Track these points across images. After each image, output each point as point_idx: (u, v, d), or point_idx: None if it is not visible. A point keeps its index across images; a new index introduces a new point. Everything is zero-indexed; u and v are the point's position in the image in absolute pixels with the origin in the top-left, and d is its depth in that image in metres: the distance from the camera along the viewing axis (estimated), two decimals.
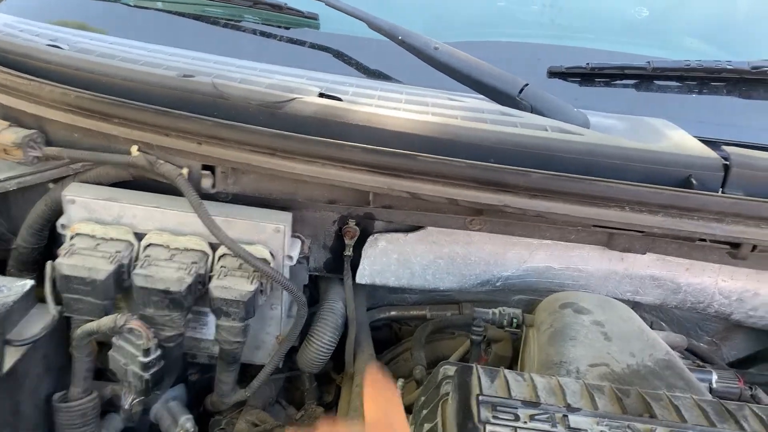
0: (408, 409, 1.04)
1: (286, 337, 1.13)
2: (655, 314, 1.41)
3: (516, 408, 0.76)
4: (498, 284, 1.20)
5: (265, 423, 1.18)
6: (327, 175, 0.91)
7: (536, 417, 0.75)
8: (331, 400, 1.35)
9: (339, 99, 1.01)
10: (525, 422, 0.74)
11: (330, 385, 1.37)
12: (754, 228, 0.91)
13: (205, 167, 1.01)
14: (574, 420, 0.75)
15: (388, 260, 1.17)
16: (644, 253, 1.08)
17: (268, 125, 0.96)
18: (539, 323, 1.06)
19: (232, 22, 1.35)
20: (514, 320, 1.09)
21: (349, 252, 1.15)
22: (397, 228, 1.15)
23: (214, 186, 1.02)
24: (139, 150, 1.01)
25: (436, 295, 1.38)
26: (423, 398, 0.90)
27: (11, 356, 0.96)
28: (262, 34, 1.33)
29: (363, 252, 1.15)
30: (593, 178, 0.88)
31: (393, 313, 1.46)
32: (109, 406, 1.15)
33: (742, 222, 0.89)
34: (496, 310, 1.11)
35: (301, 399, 1.32)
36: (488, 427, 0.73)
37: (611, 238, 1.08)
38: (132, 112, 0.98)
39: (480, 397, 0.77)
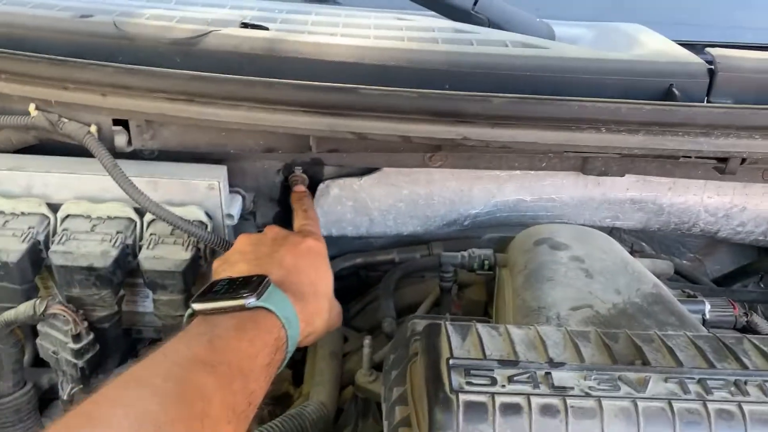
0: (378, 367, 0.96)
1: None
2: (635, 235, 1.33)
3: (492, 369, 0.67)
4: (466, 223, 1.10)
5: None
6: (256, 120, 0.78)
7: (515, 378, 0.66)
8: (300, 358, 1.27)
9: (265, 28, 0.87)
10: (503, 386, 0.65)
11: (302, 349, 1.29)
12: (745, 139, 0.81)
13: (116, 122, 0.87)
14: (559, 377, 0.66)
15: (343, 208, 1.05)
16: (623, 176, 0.98)
17: (183, 67, 0.81)
18: (513, 263, 0.96)
19: None
20: (486, 262, 0.99)
21: None
22: (349, 172, 1.03)
23: (130, 143, 0.88)
24: (37, 109, 0.86)
25: (402, 237, 1.28)
26: (392, 357, 0.81)
27: None
28: None
29: (314, 202, 1.04)
30: (563, 97, 0.76)
31: (359, 260, 1.36)
32: (52, 394, 1.05)
33: (733, 134, 0.78)
34: (465, 253, 1.01)
35: None
36: (462, 397, 0.63)
37: (586, 162, 0.97)
38: (22, 64, 0.83)
39: (451, 361, 0.67)
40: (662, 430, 0.63)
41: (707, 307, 0.88)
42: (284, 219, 1.09)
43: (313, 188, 1.04)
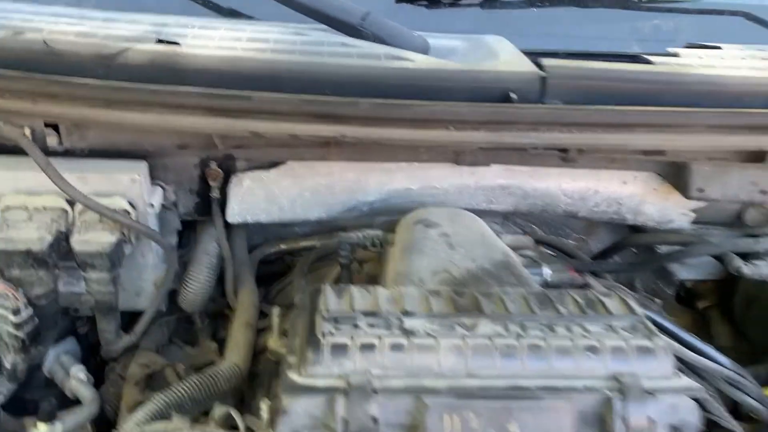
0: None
1: (162, 281, 1.17)
2: (527, 219, 1.52)
3: (356, 318, 0.84)
4: (365, 209, 1.27)
5: (155, 363, 1.24)
6: (165, 122, 0.94)
7: (374, 325, 0.83)
8: (225, 334, 1.41)
9: (177, 44, 1.02)
10: (364, 330, 0.82)
11: (225, 321, 1.43)
12: (576, 133, 1.00)
13: (48, 125, 1.01)
14: (409, 323, 0.84)
15: (255, 198, 1.21)
16: (489, 165, 1.16)
17: (106, 77, 0.96)
18: (397, 241, 1.13)
19: None
20: (376, 240, 1.16)
21: (215, 194, 1.19)
22: (259, 165, 1.19)
23: (61, 143, 1.03)
24: None
25: (325, 225, 1.44)
26: (295, 320, 0.97)
27: None
28: None
29: (229, 192, 1.19)
30: (415, 102, 0.93)
31: (283, 246, 1.51)
32: None
33: (559, 129, 0.97)
34: (360, 234, 1.18)
35: (197, 337, 1.38)
36: (329, 338, 0.80)
37: (458, 154, 1.15)
38: None
39: (324, 313, 0.84)
40: (486, 361, 0.80)
41: (547, 270, 1.07)
42: (203, 209, 1.24)
43: (227, 181, 1.19)
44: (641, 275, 1.65)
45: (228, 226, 1.26)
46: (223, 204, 1.21)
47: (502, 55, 1.07)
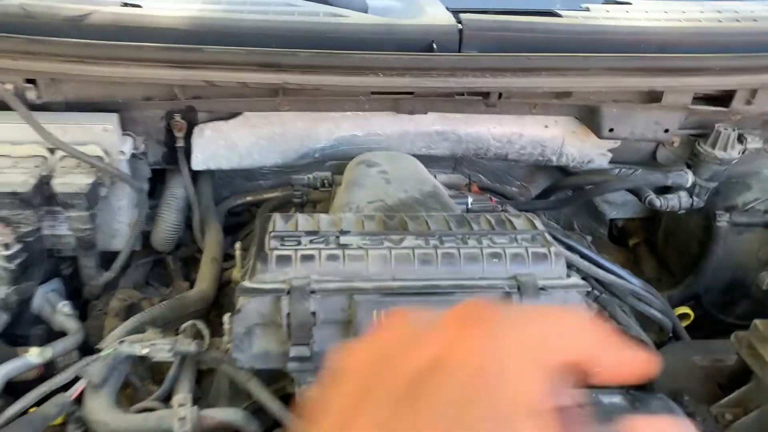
0: None
1: (135, 222, 1.31)
2: (474, 168, 1.68)
3: (299, 237, 0.99)
4: (317, 156, 1.42)
5: (133, 298, 1.39)
6: (131, 74, 1.08)
7: (314, 241, 0.98)
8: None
9: (139, 6, 1.16)
10: (305, 245, 0.97)
11: (196, 265, 1.58)
12: (489, 78, 1.15)
13: (28, 81, 1.15)
14: (344, 239, 0.99)
15: (216, 146, 1.35)
16: (426, 113, 1.31)
17: (78, 37, 1.10)
18: (343, 181, 1.28)
19: None
20: (325, 181, 1.32)
21: (180, 143, 1.32)
22: (219, 117, 1.33)
23: (39, 97, 1.16)
24: None
25: (287, 178, 1.58)
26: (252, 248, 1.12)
27: None
28: None
29: (193, 142, 1.33)
30: (350, 51, 1.08)
31: (249, 198, 1.66)
32: None
33: (473, 74, 1.12)
34: (310, 176, 1.33)
35: (172, 279, 1.53)
36: (276, 252, 0.95)
37: (397, 103, 1.30)
38: None
39: (272, 233, 0.99)
40: (407, 267, 0.96)
41: (470, 199, 1.23)
42: (170, 158, 1.38)
43: (190, 131, 1.33)
44: (579, 218, 1.83)
45: (194, 174, 1.41)
46: (187, 153, 1.35)
47: (429, 12, 1.21)
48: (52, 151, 1.20)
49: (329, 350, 0.63)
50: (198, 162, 1.36)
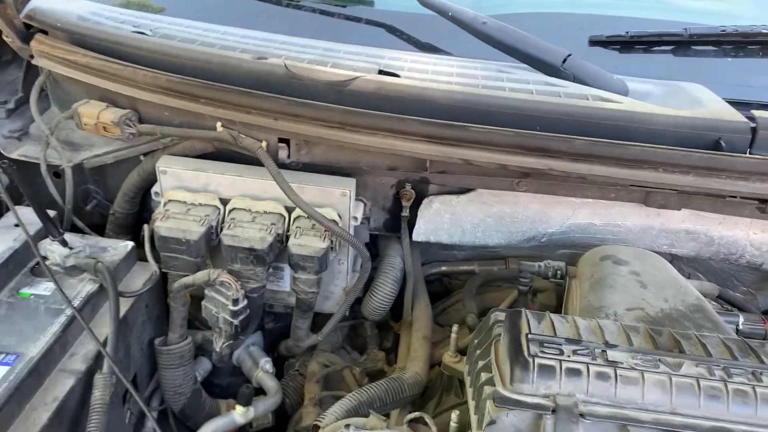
0: (462, 352, 1.18)
1: (352, 288, 1.27)
2: (693, 266, 1.51)
3: (560, 344, 0.88)
4: (543, 240, 1.31)
5: (335, 364, 1.34)
6: (389, 145, 1.04)
7: (578, 352, 0.87)
8: (390, 345, 1.50)
9: (397, 75, 1.13)
10: (568, 356, 0.86)
11: (389, 332, 1.52)
12: None
13: (281, 140, 1.14)
14: (612, 354, 0.87)
15: (442, 220, 1.29)
16: (679, 209, 1.18)
17: (335, 102, 1.08)
18: (581, 274, 1.17)
19: (292, 2, 1.47)
20: (558, 272, 1.21)
21: (406, 213, 1.28)
22: (449, 190, 1.27)
23: (289, 156, 1.16)
24: (222, 126, 1.15)
25: (483, 251, 1.50)
26: (476, 341, 1.03)
27: (122, 306, 1.13)
28: (322, 12, 1.44)
29: (419, 213, 1.28)
30: (630, 143, 0.98)
31: (444, 268, 1.60)
32: (200, 351, 1.33)
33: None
34: (542, 263, 1.22)
35: (364, 344, 1.48)
36: (537, 360, 0.85)
37: (648, 195, 1.17)
38: (217, 93, 1.11)
39: (529, 335, 0.90)
40: (690, 400, 0.82)
41: (741, 319, 1.06)
42: (391, 225, 1.34)
43: (418, 202, 1.28)
44: None
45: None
46: (410, 223, 1.30)
47: (707, 103, 1.09)
48: (288, 209, 1.19)
49: None
50: (419, 233, 1.30)
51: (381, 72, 1.14)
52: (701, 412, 0.82)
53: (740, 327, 1.07)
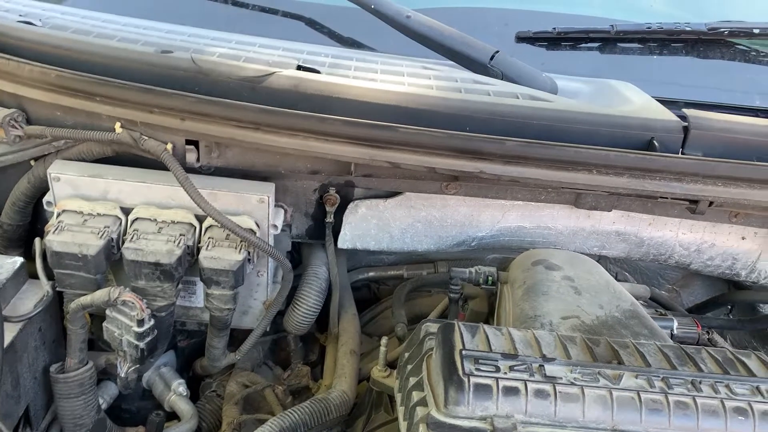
0: (392, 365, 1.11)
1: (273, 301, 1.17)
2: (619, 265, 1.50)
3: (496, 360, 0.82)
4: (473, 244, 1.26)
5: (256, 384, 1.24)
6: (310, 147, 0.95)
7: (515, 368, 0.82)
8: (316, 358, 1.41)
9: (317, 71, 1.04)
10: (505, 373, 0.81)
11: (314, 345, 1.43)
12: (711, 186, 0.98)
13: (188, 142, 1.03)
14: (550, 369, 0.82)
15: (368, 225, 1.21)
16: (610, 211, 1.15)
17: (249, 99, 0.98)
18: (513, 280, 1.12)
19: None
20: (490, 278, 1.16)
21: (330, 219, 1.20)
22: (376, 194, 1.20)
23: (198, 160, 1.05)
24: (122, 127, 1.03)
25: (412, 255, 1.44)
26: (407, 354, 0.96)
27: (9, 332, 0.99)
28: (234, 3, 1.33)
29: (344, 218, 1.20)
30: (563, 144, 0.93)
31: (371, 273, 1.52)
32: (104, 375, 1.19)
33: (701, 180, 0.95)
34: (473, 269, 1.17)
35: (287, 359, 1.38)
36: (473, 379, 0.79)
37: (579, 197, 1.14)
38: (115, 90, 1.00)
39: (463, 352, 0.83)
40: (631, 415, 0.78)
41: (675, 323, 1.04)
42: (315, 232, 1.25)
43: (343, 207, 1.20)
44: (734, 332, 1.61)
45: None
46: (335, 229, 1.22)
47: (637, 101, 1.06)
48: (200, 218, 1.08)
49: None
50: (345, 240, 1.22)
51: (300, 68, 1.05)
52: (643, 427, 0.78)
53: (675, 332, 1.05)
